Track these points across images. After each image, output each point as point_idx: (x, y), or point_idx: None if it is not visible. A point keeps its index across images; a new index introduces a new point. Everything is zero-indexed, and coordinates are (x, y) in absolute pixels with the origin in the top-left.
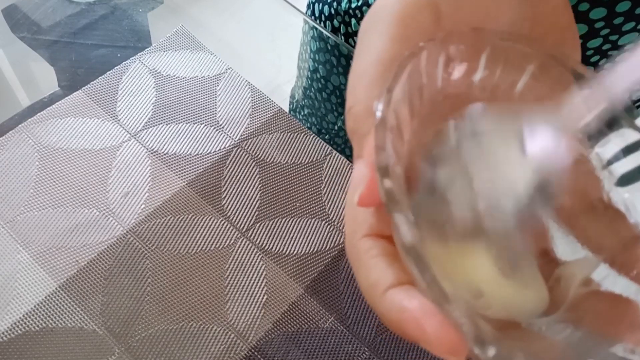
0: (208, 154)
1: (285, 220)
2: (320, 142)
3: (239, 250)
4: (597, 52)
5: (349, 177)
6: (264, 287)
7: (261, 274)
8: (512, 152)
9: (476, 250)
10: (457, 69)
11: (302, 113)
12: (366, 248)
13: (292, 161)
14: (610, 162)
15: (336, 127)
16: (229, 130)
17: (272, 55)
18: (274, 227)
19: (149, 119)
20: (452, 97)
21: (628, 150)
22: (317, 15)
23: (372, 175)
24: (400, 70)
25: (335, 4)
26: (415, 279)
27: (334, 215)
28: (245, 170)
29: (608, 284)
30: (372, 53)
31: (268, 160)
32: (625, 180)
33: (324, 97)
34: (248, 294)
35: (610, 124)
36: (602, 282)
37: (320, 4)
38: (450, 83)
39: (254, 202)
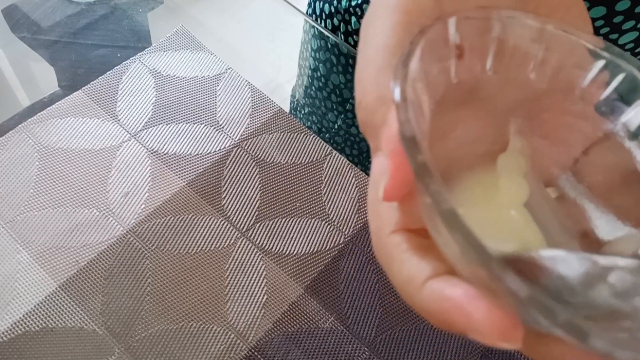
0: (208, 154)
1: (285, 220)
2: (320, 142)
3: (239, 250)
4: None
5: (349, 177)
6: (264, 287)
7: (261, 274)
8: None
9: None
10: (468, 51)
11: (303, 112)
12: (396, 243)
13: (292, 161)
14: (638, 132)
15: (336, 126)
16: (229, 130)
17: (272, 55)
18: (274, 227)
19: (149, 119)
20: (465, 81)
21: None
22: (317, 13)
23: (394, 164)
24: (413, 46)
25: (335, 2)
26: (457, 249)
27: (334, 215)
28: (245, 170)
29: None
30: (377, 41)
31: (268, 160)
32: None
33: (324, 95)
34: (248, 294)
35: (630, 93)
36: None
37: (321, 2)
38: (462, 64)
39: (254, 202)
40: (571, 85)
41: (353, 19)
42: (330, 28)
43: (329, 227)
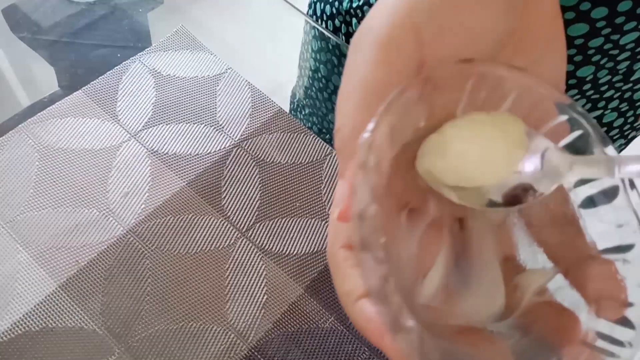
0: (208, 154)
1: (285, 220)
2: (320, 142)
3: (239, 250)
4: (598, 52)
5: None
6: (264, 287)
7: (261, 274)
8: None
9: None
10: (441, 100)
11: (304, 113)
12: (343, 257)
13: (292, 161)
14: (575, 185)
15: None
16: (229, 130)
17: (272, 55)
18: (274, 227)
19: (149, 119)
20: (435, 123)
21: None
22: (318, 14)
23: (350, 194)
24: (386, 112)
25: (337, 3)
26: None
27: None
28: (245, 170)
29: (560, 295)
30: (357, 78)
31: (268, 160)
32: (586, 204)
33: (325, 96)
34: (248, 294)
35: (583, 150)
36: (556, 292)
37: (322, 4)
38: (433, 113)
39: (254, 202)
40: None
41: (354, 20)
42: (331, 29)
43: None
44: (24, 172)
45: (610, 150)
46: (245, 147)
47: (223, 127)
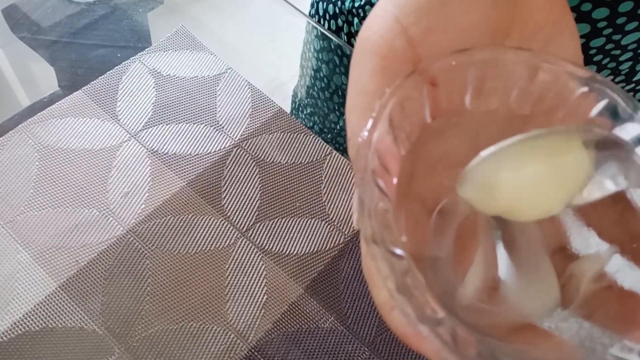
0: (208, 154)
1: (285, 220)
2: (321, 142)
3: (239, 250)
4: (600, 52)
5: (349, 177)
6: (264, 287)
7: (261, 274)
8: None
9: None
10: (443, 92)
11: (305, 112)
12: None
13: (292, 161)
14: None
15: (338, 127)
16: (229, 130)
17: (272, 55)
18: (274, 227)
19: (149, 119)
20: (444, 117)
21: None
22: (320, 14)
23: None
24: (380, 112)
25: (339, 2)
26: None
27: (334, 215)
28: (245, 170)
29: (621, 277)
30: (358, 87)
31: (268, 160)
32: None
33: (327, 96)
34: (248, 294)
35: (612, 118)
36: (615, 275)
37: (325, 3)
38: (438, 105)
39: (254, 202)
40: (554, 109)
41: (355, 20)
42: (334, 29)
43: (329, 227)
44: (24, 172)
45: None
46: (245, 147)
47: (223, 127)
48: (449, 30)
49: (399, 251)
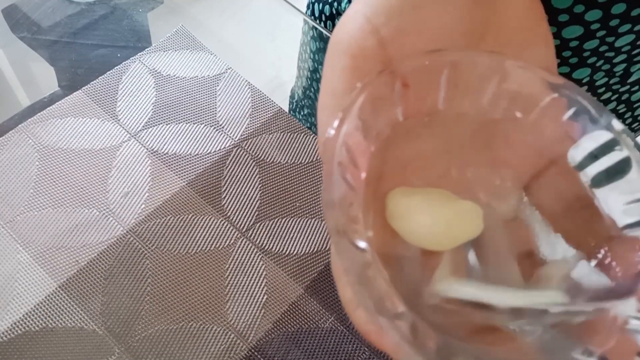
0: (208, 154)
1: (285, 220)
2: None
3: (239, 250)
4: (594, 54)
5: None
6: (264, 287)
7: (261, 274)
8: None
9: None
10: (415, 92)
11: (302, 113)
12: None
13: (292, 161)
14: (582, 165)
15: None
16: (229, 130)
17: (272, 55)
18: (274, 227)
19: (149, 119)
20: (416, 117)
21: (601, 151)
22: (317, 15)
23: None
24: (349, 107)
25: (335, 3)
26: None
27: None
28: (245, 170)
29: (587, 282)
30: (329, 88)
31: (268, 160)
32: (597, 182)
33: None
34: (248, 294)
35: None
36: (581, 280)
37: (321, 4)
38: (410, 105)
39: (254, 202)
40: (525, 113)
41: None
42: (330, 30)
43: None
44: (24, 172)
45: (616, 123)
46: (245, 147)
47: (223, 127)
48: (421, 32)
49: (362, 244)
